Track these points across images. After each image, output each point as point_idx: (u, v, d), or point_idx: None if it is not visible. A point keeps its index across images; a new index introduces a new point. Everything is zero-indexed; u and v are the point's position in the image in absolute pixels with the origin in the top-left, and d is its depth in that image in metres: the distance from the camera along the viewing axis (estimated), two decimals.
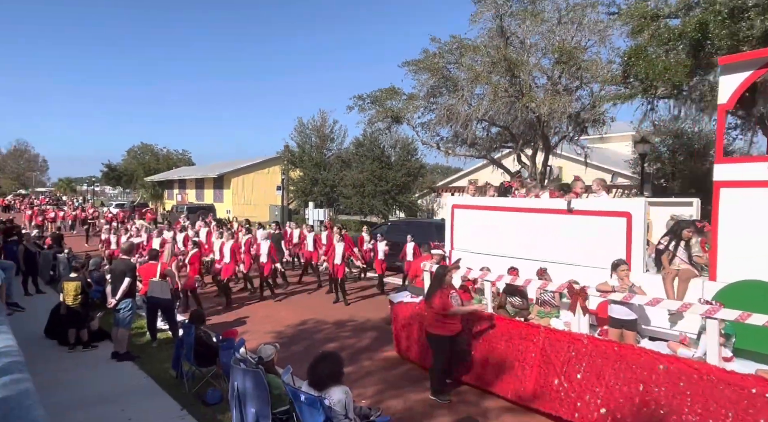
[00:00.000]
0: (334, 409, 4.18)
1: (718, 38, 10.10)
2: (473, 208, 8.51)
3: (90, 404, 5.88)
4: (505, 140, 18.24)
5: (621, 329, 5.84)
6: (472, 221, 8.46)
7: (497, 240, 7.95)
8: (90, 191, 65.89)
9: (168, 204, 46.64)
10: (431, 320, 6.21)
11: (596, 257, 6.58)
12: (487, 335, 6.33)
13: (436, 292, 6.13)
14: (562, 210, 7.15)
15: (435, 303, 6.09)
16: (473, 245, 8.36)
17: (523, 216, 7.68)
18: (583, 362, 5.30)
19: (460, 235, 8.69)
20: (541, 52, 15.48)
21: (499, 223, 7.97)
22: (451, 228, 8.89)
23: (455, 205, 8.86)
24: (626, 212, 6.51)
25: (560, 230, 7.17)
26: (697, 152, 17.43)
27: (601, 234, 6.68)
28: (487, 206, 8.28)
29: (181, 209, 30.89)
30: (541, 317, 6.91)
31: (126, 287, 7.39)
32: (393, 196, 28.48)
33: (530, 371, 5.76)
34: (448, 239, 8.92)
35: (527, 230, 7.58)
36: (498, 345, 6.18)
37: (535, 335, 5.83)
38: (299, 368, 5.63)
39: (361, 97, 18.48)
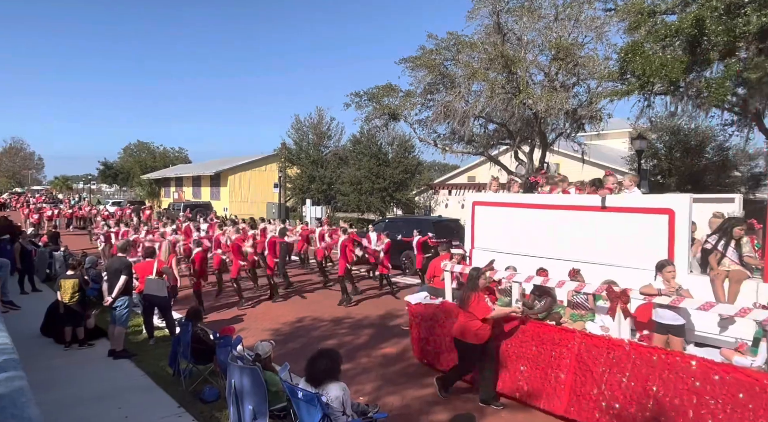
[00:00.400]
0: (332, 406, 4.17)
1: (714, 34, 10.11)
2: (496, 205, 8.09)
3: (86, 402, 5.86)
4: (503, 136, 18.25)
5: (667, 335, 5.46)
6: (495, 219, 8.04)
7: (522, 239, 7.53)
8: (86, 189, 65.62)
9: (165, 202, 46.53)
10: (465, 327, 5.75)
11: (633, 257, 6.17)
12: (516, 339, 5.90)
13: (471, 296, 5.67)
14: (594, 207, 6.71)
15: (472, 308, 5.66)
16: (496, 244, 7.93)
17: (552, 213, 7.23)
18: (626, 370, 4.86)
19: (482, 233, 8.27)
20: (538, 49, 15.48)
21: (525, 220, 7.53)
22: (471, 226, 8.47)
23: (476, 202, 8.43)
24: (668, 209, 6.08)
25: (593, 228, 6.74)
26: (694, 148, 17.47)
27: (639, 233, 6.26)
28: (511, 203, 7.87)
29: (178, 207, 30.83)
30: (574, 320, 6.41)
31: (122, 285, 7.36)
32: (390, 193, 28.47)
33: (565, 378, 5.32)
34: (469, 237, 8.53)
35: (556, 228, 7.14)
36: (528, 351, 5.74)
37: (569, 340, 5.39)
38: (297, 365, 5.62)
39: (358, 94, 18.45)
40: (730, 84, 10.25)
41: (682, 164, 17.16)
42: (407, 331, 8.30)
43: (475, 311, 5.62)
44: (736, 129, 14.34)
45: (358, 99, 18.45)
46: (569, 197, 7.34)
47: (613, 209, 6.58)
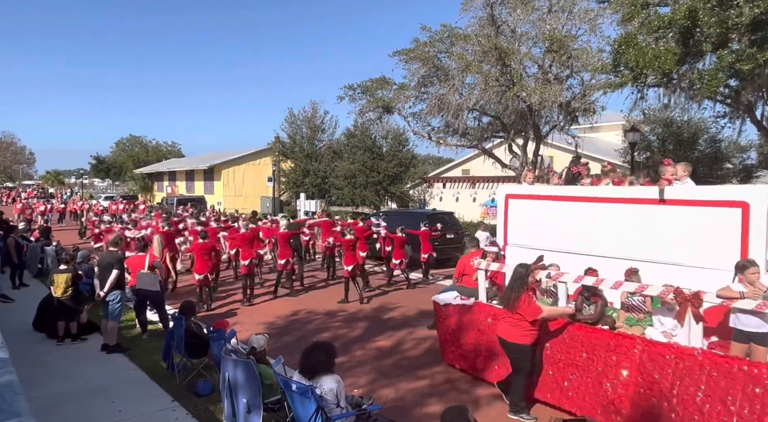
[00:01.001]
0: (326, 398, 4.18)
1: (707, 26, 10.12)
2: (534, 198, 7.43)
3: (79, 396, 5.84)
4: (497, 129, 18.25)
5: (749, 343, 4.85)
6: (533, 213, 7.39)
7: (565, 234, 6.91)
8: (78, 184, 65.16)
9: (158, 196, 46.28)
10: (511, 327, 5.36)
11: (698, 255, 5.65)
12: (562, 344, 5.41)
13: (519, 295, 5.26)
14: (651, 200, 6.11)
15: (521, 309, 5.23)
16: (533, 240, 7.26)
17: (601, 207, 6.60)
18: (701, 383, 4.32)
19: (516, 229, 7.64)
20: (531, 41, 15.47)
21: (569, 215, 6.92)
22: (504, 221, 7.82)
23: (510, 195, 7.77)
24: (742, 202, 5.51)
25: (649, 223, 6.14)
26: (686, 140, 17.54)
27: (706, 228, 5.68)
28: (552, 196, 7.18)
29: (171, 201, 30.65)
30: (630, 325, 5.85)
31: (114, 280, 7.32)
32: (385, 187, 28.43)
33: (624, 390, 4.81)
34: (501, 233, 7.91)
35: (605, 223, 6.54)
36: (576, 357, 5.25)
37: (629, 346, 4.85)
38: (291, 358, 5.63)
39: (351, 87, 18.37)
40: (722, 75, 10.27)
41: (675, 156, 17.18)
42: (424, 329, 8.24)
43: (524, 312, 5.21)
44: (728, 121, 14.39)
45: (351, 92, 18.38)
46: (621, 189, 6.73)
47: (674, 202, 5.95)
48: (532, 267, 5.54)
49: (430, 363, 7.11)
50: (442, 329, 6.97)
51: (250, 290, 10.68)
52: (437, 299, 7.21)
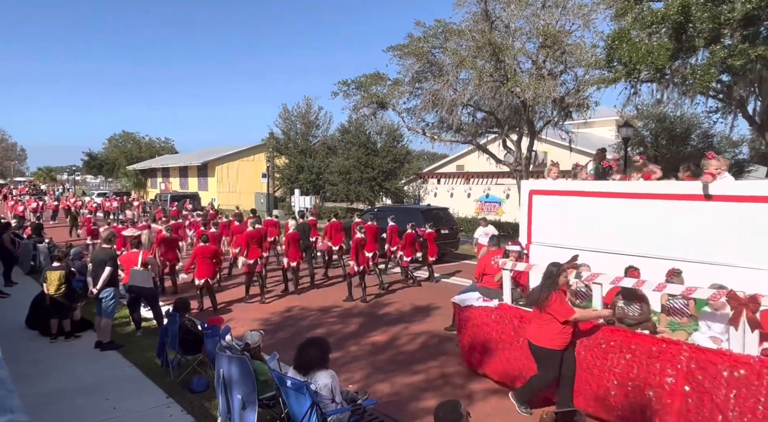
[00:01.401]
0: (321, 393, 4.19)
1: (699, 21, 10.15)
2: (561, 194, 7.02)
3: (73, 394, 5.82)
4: (491, 125, 18.27)
5: None
6: (560, 210, 6.98)
7: (597, 232, 6.51)
8: (71, 181, 64.69)
9: (151, 193, 46.04)
10: (540, 329, 5.11)
11: (747, 254, 5.31)
12: (598, 349, 5.05)
13: (550, 294, 4.99)
14: (693, 196, 5.73)
15: (551, 308, 4.97)
16: (560, 238, 6.87)
17: (635, 204, 6.22)
18: (760, 395, 4.00)
19: (541, 226, 7.23)
20: (525, 37, 15.46)
21: (600, 211, 6.52)
22: (528, 218, 7.41)
23: (534, 191, 7.36)
24: None
25: (691, 220, 5.78)
26: (679, 135, 17.64)
27: (756, 226, 5.33)
28: (581, 192, 6.79)
29: (165, 198, 30.51)
30: (673, 330, 5.43)
31: (107, 277, 7.28)
32: (379, 182, 28.43)
33: (670, 400, 4.46)
34: (524, 230, 7.47)
35: (641, 220, 6.15)
36: (615, 364, 4.89)
37: (674, 353, 4.51)
38: (286, 354, 5.63)
39: (345, 82, 18.34)
40: (714, 71, 10.32)
41: (668, 151, 17.34)
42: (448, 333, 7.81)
43: (555, 312, 4.95)
44: (721, 116, 14.49)
45: (345, 88, 18.35)
46: (659, 184, 6.33)
47: (721, 198, 5.54)
48: (564, 266, 5.23)
49: (426, 358, 7.13)
50: (463, 332, 6.63)
51: (261, 290, 10.41)
52: (457, 300, 6.85)
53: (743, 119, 13.21)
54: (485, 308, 6.34)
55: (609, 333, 5.03)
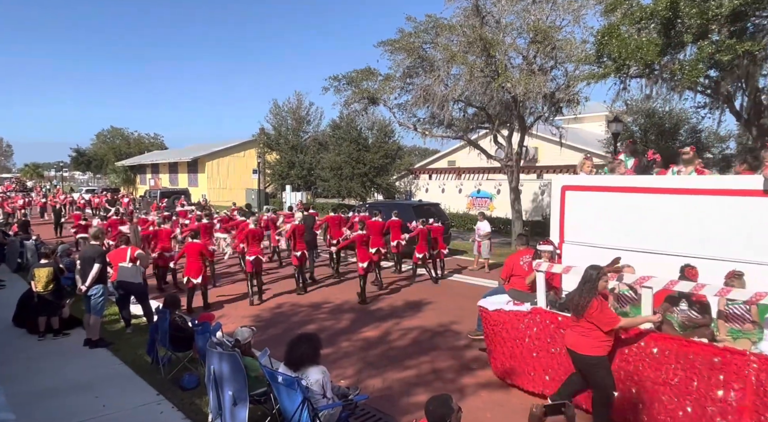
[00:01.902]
0: (312, 389, 4.19)
1: (688, 17, 10.22)
2: (598, 190, 6.56)
3: (62, 392, 5.77)
4: (482, 120, 18.27)
5: None
6: (596, 207, 6.54)
7: (637, 231, 6.07)
8: (58, 177, 63.91)
9: (141, 189, 45.64)
10: (582, 337, 4.68)
11: None
12: (652, 360, 4.60)
13: (589, 301, 4.59)
14: (751, 191, 5.24)
15: (593, 316, 4.57)
16: (596, 238, 6.42)
17: (684, 200, 5.74)
18: None
19: (576, 224, 6.76)
20: (516, 32, 15.45)
21: (643, 208, 6.07)
22: (560, 216, 6.95)
23: (567, 187, 6.87)
24: None
25: (748, 217, 5.29)
26: (668, 131, 17.78)
27: None
28: (621, 187, 6.32)
29: (155, 194, 30.25)
30: (735, 338, 4.91)
31: (96, 273, 7.21)
32: (371, 178, 28.40)
33: (737, 417, 4.08)
34: (556, 229, 7.00)
35: (690, 218, 5.68)
36: (670, 376, 4.47)
37: (740, 364, 4.07)
38: (277, 350, 5.62)
39: (336, 78, 18.22)
40: (702, 66, 10.40)
41: (657, 146, 17.45)
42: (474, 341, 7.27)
43: (597, 320, 4.56)
44: (708, 111, 14.62)
45: (336, 83, 18.23)
46: (711, 179, 5.89)
47: None
48: (604, 270, 4.84)
49: (417, 353, 7.16)
50: (491, 338, 6.17)
51: (258, 289, 10.10)
52: (485, 304, 6.34)
53: (730, 114, 13.34)
54: (516, 312, 5.87)
55: (662, 342, 4.57)
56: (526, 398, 5.55)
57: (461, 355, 7.11)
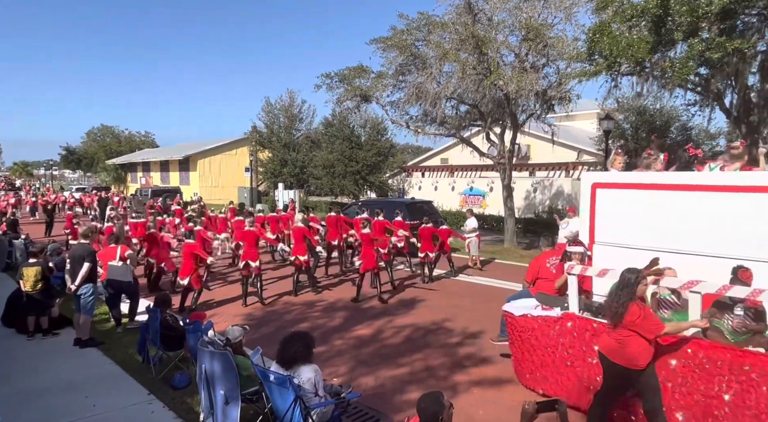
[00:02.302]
0: (304, 387, 4.18)
1: (678, 14, 10.28)
2: (632, 187, 6.17)
3: (52, 392, 5.71)
4: (474, 118, 18.30)
5: None
6: (630, 205, 6.12)
7: (676, 231, 5.65)
8: (48, 175, 63.30)
9: (132, 188, 45.31)
10: (619, 346, 4.31)
11: None
12: (702, 372, 4.27)
13: (629, 308, 4.21)
14: None
15: (635, 324, 4.19)
16: (629, 238, 6.01)
17: (732, 198, 5.31)
18: None
19: (608, 224, 6.31)
20: (508, 30, 15.46)
21: (683, 207, 5.64)
22: (591, 215, 6.51)
23: (598, 184, 6.42)
24: None
25: None
26: (659, 128, 17.90)
27: None
28: (658, 185, 5.91)
29: (146, 193, 30.04)
30: None
31: (86, 273, 7.14)
32: (363, 176, 28.37)
33: None
34: (586, 229, 6.55)
35: (739, 218, 5.27)
36: (727, 390, 4.14)
37: None
38: (270, 349, 5.59)
39: (328, 75, 18.16)
40: (692, 64, 10.47)
41: (648, 143, 17.58)
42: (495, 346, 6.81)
43: (641, 327, 4.19)
44: (699, 109, 14.72)
45: (328, 81, 18.18)
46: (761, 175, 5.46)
47: None
48: (644, 273, 4.50)
49: (410, 351, 7.16)
50: (518, 345, 5.82)
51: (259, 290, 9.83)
52: (510, 308, 5.98)
53: (720, 111, 13.44)
54: (546, 318, 5.51)
55: (713, 351, 4.24)
56: (519, 395, 5.57)
57: (454, 353, 7.12)
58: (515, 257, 15.68)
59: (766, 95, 12.25)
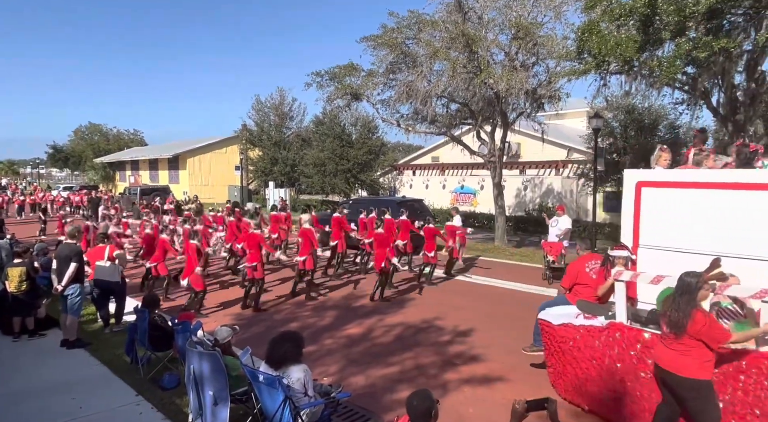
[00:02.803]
0: (293, 388, 4.16)
1: (665, 14, 10.36)
2: (681, 186, 5.72)
3: (38, 394, 5.64)
4: (465, 116, 18.33)
5: None
6: (680, 206, 5.68)
7: (734, 234, 5.20)
8: (35, 174, 62.49)
9: (120, 186, 44.88)
10: (682, 357, 3.97)
11: None
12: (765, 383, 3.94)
13: (692, 315, 3.90)
14: None
15: (700, 333, 3.87)
16: (679, 241, 5.56)
17: None
18: None
19: (654, 225, 5.87)
20: (498, 28, 15.50)
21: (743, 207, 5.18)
22: (634, 216, 6.07)
23: (643, 183, 5.96)
24: None
25: None
26: (647, 126, 18.03)
27: None
28: (713, 184, 5.45)
29: (134, 191, 29.77)
30: None
31: (72, 273, 7.06)
32: (354, 174, 28.34)
33: None
34: (629, 231, 6.08)
35: None
36: None
37: None
38: (260, 349, 5.56)
39: (319, 73, 18.09)
40: (680, 63, 10.56)
41: (637, 142, 17.70)
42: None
43: (707, 336, 3.87)
44: (686, 108, 14.85)
45: (319, 79, 18.09)
46: None
47: None
48: (704, 277, 4.17)
49: (400, 350, 7.17)
50: (558, 356, 5.39)
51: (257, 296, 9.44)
52: (547, 317, 5.55)
53: (707, 110, 13.58)
54: (589, 328, 5.08)
55: None
56: (510, 394, 5.59)
57: (444, 351, 7.14)
58: (506, 255, 15.76)
59: (751, 94, 12.39)
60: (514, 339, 7.52)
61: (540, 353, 6.05)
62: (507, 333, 7.82)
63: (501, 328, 8.13)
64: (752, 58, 11.97)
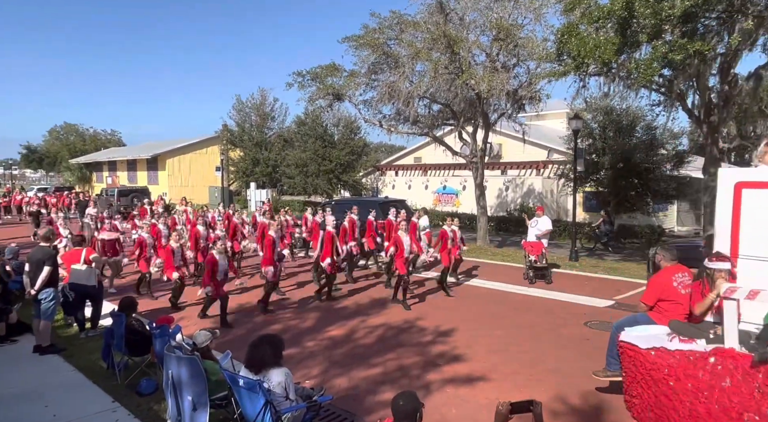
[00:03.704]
0: (274, 392, 4.10)
1: (643, 17, 10.53)
2: None
3: (8, 401, 5.45)
4: (447, 117, 18.41)
5: None
6: None
7: None
8: (8, 175, 60.85)
9: (97, 188, 43.96)
10: None
11: None
12: None
13: None
14: None
15: None
16: None
17: None
18: None
19: (758, 233, 5.03)
20: (479, 30, 15.62)
21: None
22: (733, 222, 5.21)
23: (744, 184, 5.08)
24: None
25: None
26: (625, 128, 18.33)
27: None
28: None
29: (112, 193, 29.18)
30: None
31: (46, 276, 6.85)
32: (337, 175, 28.25)
33: None
34: (726, 240, 5.19)
35: None
36: None
37: None
38: (241, 352, 5.47)
39: (300, 73, 17.96)
40: (656, 65, 10.74)
41: (615, 143, 17.98)
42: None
43: None
44: (663, 109, 15.13)
45: (300, 79, 17.96)
46: None
47: None
48: None
49: (383, 351, 7.14)
50: (646, 386, 4.56)
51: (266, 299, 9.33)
52: (631, 339, 4.70)
53: (683, 111, 13.85)
54: (691, 353, 4.24)
55: None
56: (492, 394, 5.60)
57: (427, 351, 7.13)
58: (487, 255, 15.85)
59: (725, 96, 12.68)
60: (497, 339, 7.56)
61: (616, 378, 5.31)
62: (489, 333, 7.85)
63: (483, 328, 8.16)
64: (725, 61, 12.26)
